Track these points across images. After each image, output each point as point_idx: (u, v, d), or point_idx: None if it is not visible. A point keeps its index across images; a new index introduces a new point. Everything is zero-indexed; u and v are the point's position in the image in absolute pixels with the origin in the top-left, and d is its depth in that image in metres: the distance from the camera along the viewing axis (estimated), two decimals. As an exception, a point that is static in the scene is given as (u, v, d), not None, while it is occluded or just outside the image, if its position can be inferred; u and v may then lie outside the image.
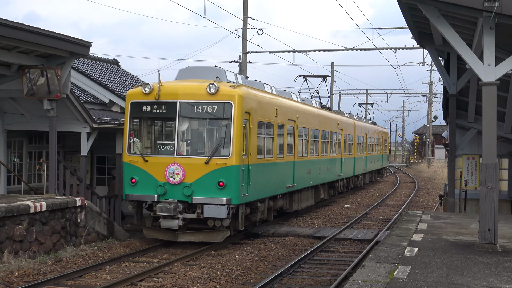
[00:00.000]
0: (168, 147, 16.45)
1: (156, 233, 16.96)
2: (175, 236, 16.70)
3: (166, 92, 16.46)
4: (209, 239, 16.56)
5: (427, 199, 33.69)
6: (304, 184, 22.70)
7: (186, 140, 16.53)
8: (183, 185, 16.12)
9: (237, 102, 16.08)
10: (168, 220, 16.19)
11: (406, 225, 15.16)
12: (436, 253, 11.15)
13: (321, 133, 25.65)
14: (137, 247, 16.85)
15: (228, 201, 15.90)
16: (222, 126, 16.28)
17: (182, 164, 16.16)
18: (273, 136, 18.85)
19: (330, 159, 27.53)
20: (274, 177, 19.12)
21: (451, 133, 18.72)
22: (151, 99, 16.50)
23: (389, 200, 33.04)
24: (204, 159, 16.06)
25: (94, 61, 26.92)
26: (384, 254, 10.96)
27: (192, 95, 16.31)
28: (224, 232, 16.51)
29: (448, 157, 19.37)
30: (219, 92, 16.12)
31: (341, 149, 30.24)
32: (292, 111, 21.10)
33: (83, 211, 16.87)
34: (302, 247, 17.10)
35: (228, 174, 15.91)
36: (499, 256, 10.96)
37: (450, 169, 18.88)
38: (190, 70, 18.30)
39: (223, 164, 15.94)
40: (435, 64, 18.39)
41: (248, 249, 16.58)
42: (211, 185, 15.95)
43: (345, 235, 18.70)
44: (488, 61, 11.34)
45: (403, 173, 65.35)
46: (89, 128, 18.81)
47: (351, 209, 27.66)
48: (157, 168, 16.30)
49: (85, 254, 15.42)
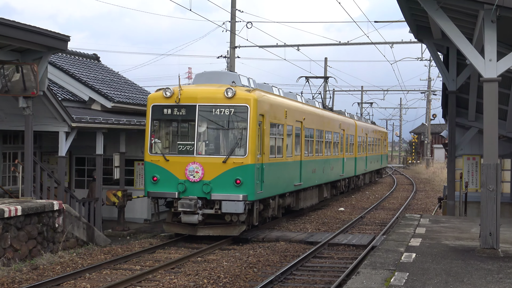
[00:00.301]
0: (187, 147, 18.57)
1: (176, 228, 18.99)
2: (195, 230, 18.74)
3: (186, 96, 18.71)
4: (226, 233, 18.63)
5: (426, 202, 33.83)
6: (310, 183, 24.88)
7: (204, 140, 18.65)
8: (202, 183, 18.27)
9: (252, 105, 18.32)
10: (188, 215, 18.30)
11: (404, 229, 15.22)
12: (435, 259, 11.20)
13: (325, 133, 28.01)
14: (119, 253, 16.83)
15: (244, 198, 18.06)
16: (239, 128, 18.41)
17: (201, 163, 18.34)
18: (283, 136, 21.10)
19: (333, 159, 29.85)
20: (284, 175, 21.30)
21: (451, 132, 18.82)
22: (171, 102, 18.77)
23: (386, 203, 33.15)
24: (222, 158, 18.21)
25: (72, 56, 26.84)
26: (380, 260, 11.00)
27: (211, 99, 18.53)
28: (240, 226, 18.59)
29: (448, 158, 19.49)
30: (235, 96, 18.36)
31: (343, 149, 32.58)
32: (299, 112, 23.40)
33: (61, 216, 16.82)
34: (293, 253, 17.12)
35: (245, 173, 18.09)
36: (501, 261, 11.03)
37: (450, 170, 18.99)
38: (206, 75, 20.40)
39: (239, 163, 18.13)
40: (434, 60, 18.48)
41: (237, 255, 16.59)
42: (229, 183, 18.10)
43: (339, 240, 18.74)
44: (489, 56, 11.41)
45: (401, 175, 65.60)
46: (67, 128, 18.75)
47: (345, 212, 27.73)
48: (178, 167, 18.46)
49: (63, 261, 15.37)
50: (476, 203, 19.49)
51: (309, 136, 24.95)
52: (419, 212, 27.83)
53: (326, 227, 22.71)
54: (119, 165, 21.77)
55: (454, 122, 18.76)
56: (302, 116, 23.71)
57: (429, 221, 16.95)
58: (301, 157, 23.46)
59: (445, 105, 20.07)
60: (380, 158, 49.98)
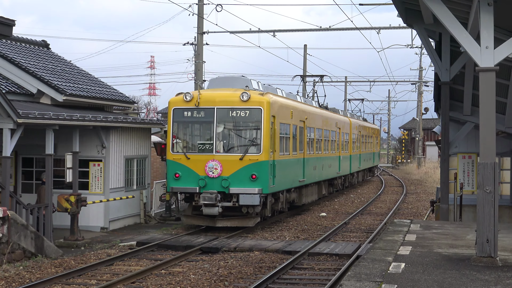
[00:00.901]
0: (207, 146, 22.96)
1: (195, 220, 23.31)
2: (214, 222, 22.88)
3: (205, 100, 23.12)
4: (242, 224, 22.83)
5: (417, 205, 34.12)
6: (311, 179, 29.67)
7: (222, 140, 23.03)
8: (221, 178, 22.51)
9: (265, 107, 22.86)
10: (209, 208, 22.35)
11: (392, 236, 15.33)
12: (426, 269, 11.29)
13: (323, 132, 32.77)
14: (72, 266, 16.73)
15: (259, 191, 22.36)
16: (253, 128, 22.98)
17: (220, 160, 22.63)
18: (289, 135, 25.72)
19: (330, 157, 34.61)
20: (291, 172, 25.87)
21: (444, 127, 18.96)
22: (191, 105, 23.15)
23: (372, 207, 33.37)
24: (238, 156, 22.64)
25: (18, 43, 26.58)
26: (365, 271, 11.06)
27: (227, 102, 22.99)
28: (255, 218, 22.90)
29: (441, 156, 19.64)
30: (250, 99, 22.78)
31: (339, 147, 37.27)
32: (302, 112, 28.24)
33: (6, 224, 16.66)
34: (270, 264, 17.16)
35: (260, 168, 22.53)
36: (500, 271, 11.15)
37: (443, 170, 19.12)
38: (220, 80, 25.24)
39: (255, 159, 22.59)
40: (425, 47, 18.58)
41: (206, 267, 16.58)
42: (245, 178, 22.45)
43: (321, 249, 18.83)
44: (486, 43, 11.51)
45: (389, 175, 66.11)
46: (12, 124, 18.56)
47: (327, 218, 27.86)
48: (198, 164, 22.74)
49: (8, 276, 15.22)
50: (472, 206, 19.64)
51: (311, 135, 29.72)
52: (410, 217, 28.04)
53: (306, 234, 22.79)
54: (72, 166, 21.63)
55: (447, 117, 18.88)
56: (305, 116, 28.48)
57: (420, 227, 17.08)
58: (304, 155, 28.15)
59: (437, 97, 20.20)
60: (373, 156, 54.80)
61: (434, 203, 21.85)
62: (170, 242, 20.28)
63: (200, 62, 33.48)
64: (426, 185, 50.49)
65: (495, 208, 11.52)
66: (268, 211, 23.48)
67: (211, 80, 25.60)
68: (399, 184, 52.63)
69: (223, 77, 25.53)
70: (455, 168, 20.32)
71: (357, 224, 26.13)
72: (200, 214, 22.97)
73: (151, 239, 21.06)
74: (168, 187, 23.03)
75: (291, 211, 28.47)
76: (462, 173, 20.41)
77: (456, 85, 19.26)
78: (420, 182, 54.09)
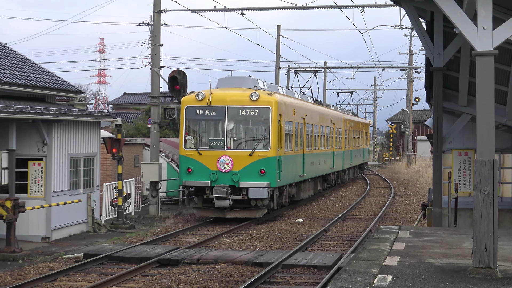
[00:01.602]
0: (218, 143, 27.99)
1: (206, 212, 28.31)
2: (224, 213, 27.75)
3: (216, 99, 28.09)
4: (251, 215, 27.77)
5: (406, 209, 34.30)
6: (310, 175, 34.88)
7: (233, 137, 28.09)
8: (232, 173, 27.44)
9: (273, 106, 27.89)
10: (221, 200, 27.20)
11: (378, 245, 15.38)
12: (416, 282, 11.33)
13: (320, 128, 38.05)
14: (8, 282, 16.59)
15: (268, 185, 27.34)
16: (262, 126, 28.03)
17: (231, 156, 27.59)
18: (292, 132, 31.04)
19: (326, 153, 39.80)
20: (294, 167, 31.16)
21: (437, 120, 19.02)
22: (203, 104, 28.06)
23: (356, 211, 33.51)
24: (248, 152, 27.64)
25: None
26: (347, 285, 11.08)
27: (238, 101, 28.00)
28: (262, 210, 27.82)
29: (433, 153, 19.74)
30: (259, 99, 27.72)
31: (333, 143, 42.46)
32: (303, 110, 33.58)
33: None
34: (238, 277, 17.14)
35: (268, 164, 27.53)
36: (499, 284, 11.22)
37: (436, 168, 19.21)
38: (228, 80, 30.49)
39: (263, 155, 27.57)
40: (415, 28, 18.60)
41: (164, 282, 16.52)
42: (254, 172, 27.36)
43: (297, 261, 18.83)
44: (483, 24, 11.56)
45: (375, 175, 66.36)
46: None
47: (304, 224, 27.92)
48: (210, 160, 27.63)
49: None
50: (469, 210, 19.70)
51: (309, 131, 34.89)
52: (398, 223, 28.17)
53: (280, 243, 22.81)
54: (8, 166, 21.42)
55: (440, 108, 18.95)
56: (305, 113, 33.73)
57: (410, 234, 17.16)
58: (304, 151, 33.32)
59: (429, 85, 20.27)
60: (363, 152, 60.15)
61: (426, 206, 21.98)
62: (123, 254, 20.13)
63: (157, 45, 33.24)
64: (417, 186, 50.84)
65: (494, 212, 11.57)
66: (275, 204, 28.57)
67: (219, 80, 30.54)
68: (386, 185, 52.88)
69: (231, 77, 31.34)
70: (449, 166, 20.43)
71: (338, 231, 26.22)
72: (211, 207, 27.76)
73: (101, 250, 20.91)
74: (180, 181, 28.22)
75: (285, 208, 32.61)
76: (458, 172, 20.54)
77: (450, 72, 19.33)
78: (410, 183, 54.46)
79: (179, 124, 29.57)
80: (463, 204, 20.33)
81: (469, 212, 19.67)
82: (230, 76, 31.39)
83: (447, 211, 19.75)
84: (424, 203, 23.13)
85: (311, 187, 36.31)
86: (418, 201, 37.90)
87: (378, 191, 47.01)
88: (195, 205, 28.44)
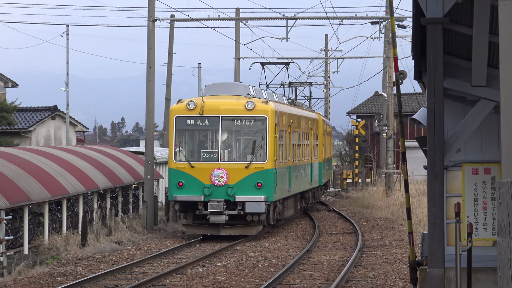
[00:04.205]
0: (211, 155, 27.88)
1: (198, 229, 28.28)
2: (218, 230, 27.88)
3: (209, 108, 27.87)
4: (245, 232, 28.00)
5: (384, 272, 22.05)
6: (294, 190, 33.32)
7: (227, 148, 28.24)
8: (227, 186, 27.33)
9: (270, 116, 27.94)
10: (217, 216, 27.15)
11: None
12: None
13: (301, 135, 35.76)
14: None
15: (265, 199, 27.41)
16: (258, 136, 27.98)
17: (226, 168, 27.48)
18: (283, 142, 30.31)
19: (305, 165, 37.13)
20: (285, 180, 30.64)
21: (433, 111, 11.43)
22: (195, 113, 27.81)
23: (296, 279, 21.48)
24: (244, 164, 27.66)
25: None
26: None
27: (232, 110, 28.00)
28: (257, 226, 27.94)
29: (428, 170, 11.97)
30: (255, 108, 27.67)
31: (311, 152, 39.02)
32: (290, 116, 32.43)
33: None
34: None
35: (265, 176, 27.57)
36: None
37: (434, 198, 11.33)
38: (217, 87, 30.12)
39: (260, 167, 27.61)
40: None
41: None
42: (251, 186, 27.36)
43: None
44: None
45: (329, 212, 43.54)
46: None
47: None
48: (203, 173, 27.54)
49: None
50: (491, 271, 12.31)
51: (294, 140, 33.50)
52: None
53: None
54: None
55: (440, 89, 10.84)
56: (291, 120, 32.64)
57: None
58: (290, 162, 32.33)
59: (420, 51, 12.75)
60: (330, 164, 50.63)
61: (418, 265, 14.18)
62: None
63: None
64: (403, 229, 32.14)
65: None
66: (271, 219, 28.67)
67: (207, 87, 30.59)
68: (350, 229, 34.64)
69: (221, 84, 31.05)
70: (458, 193, 12.14)
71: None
72: (202, 224, 27.99)
73: None
74: (170, 196, 28.10)
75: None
76: (473, 203, 12.36)
77: (456, 26, 11.99)
78: (390, 224, 35.48)
79: None
80: (481, 261, 12.60)
81: (492, 274, 12.26)
82: (219, 83, 31.48)
83: (454, 273, 12.13)
84: (415, 261, 15.25)
85: (291, 205, 34.37)
86: (405, 256, 24.39)
87: (335, 238, 31.09)
88: (184, 222, 28.48)
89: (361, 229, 33.30)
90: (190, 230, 28.42)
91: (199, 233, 28.52)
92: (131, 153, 39.43)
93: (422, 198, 37.85)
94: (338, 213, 41.82)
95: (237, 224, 28.06)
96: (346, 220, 38.27)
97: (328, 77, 65.50)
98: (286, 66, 39.93)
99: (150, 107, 33.56)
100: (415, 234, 20.58)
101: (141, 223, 32.16)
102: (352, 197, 52.04)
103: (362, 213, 41.99)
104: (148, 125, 34.65)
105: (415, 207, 34.96)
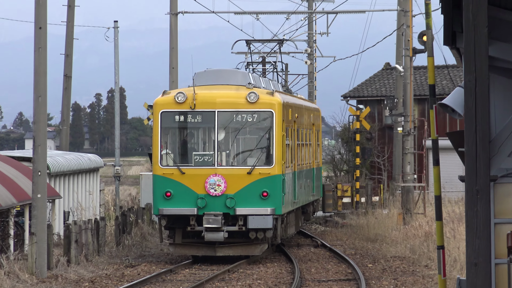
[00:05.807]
0: (206, 158, 23.98)
1: (188, 250, 24.21)
2: (213, 250, 23.77)
3: (203, 101, 23.96)
4: (247, 252, 24.18)
5: None
6: (300, 201, 28.56)
7: (225, 150, 24.25)
8: (225, 197, 23.56)
9: (277, 110, 23.84)
10: (213, 233, 23.23)
11: None
12: None
13: (304, 133, 29.99)
14: None
15: (272, 211, 23.48)
16: (263, 135, 24.13)
17: (223, 175, 23.64)
18: (289, 142, 25.97)
19: (309, 170, 31.39)
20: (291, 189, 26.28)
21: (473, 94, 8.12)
22: (185, 108, 23.94)
23: None
24: (246, 169, 23.86)
25: None
26: None
27: (231, 104, 24.05)
28: (262, 245, 24.02)
29: (466, 182, 8.39)
30: (259, 100, 23.73)
31: (313, 154, 32.44)
32: (295, 109, 27.20)
33: None
34: None
35: (272, 184, 23.69)
36: None
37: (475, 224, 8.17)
38: (210, 74, 25.68)
39: (266, 173, 23.75)
40: None
41: None
42: (254, 196, 23.62)
43: None
44: None
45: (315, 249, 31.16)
46: None
47: None
48: (196, 180, 23.67)
49: None
50: None
51: (298, 139, 28.49)
52: None
53: None
54: None
55: (484, 60, 8.13)
56: (295, 114, 27.53)
57: None
58: (295, 167, 27.35)
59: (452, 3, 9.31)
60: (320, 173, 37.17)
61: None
62: None
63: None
64: (428, 273, 23.85)
65: None
66: (278, 237, 24.71)
67: (197, 74, 25.63)
68: (347, 273, 24.98)
69: (215, 70, 26.35)
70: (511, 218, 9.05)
71: None
72: (194, 242, 24.17)
73: None
74: (155, 209, 23.88)
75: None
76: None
77: None
78: (409, 266, 25.96)
79: None
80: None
81: None
82: (212, 69, 26.54)
83: None
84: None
85: (294, 220, 28.79)
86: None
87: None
88: (171, 241, 24.61)
89: (365, 274, 24.10)
90: (178, 251, 24.49)
91: (190, 253, 24.56)
92: (11, 160, 28.75)
93: (457, 226, 27.84)
94: (330, 250, 30.15)
95: (237, 242, 24.29)
96: (342, 260, 27.53)
97: (313, 41, 47.29)
98: (279, 44, 32.17)
99: (40, 89, 22.94)
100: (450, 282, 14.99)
101: (28, 267, 22.54)
102: (351, 225, 38.53)
103: (366, 249, 30.86)
104: (37, 117, 23.34)
105: (447, 239, 24.82)
